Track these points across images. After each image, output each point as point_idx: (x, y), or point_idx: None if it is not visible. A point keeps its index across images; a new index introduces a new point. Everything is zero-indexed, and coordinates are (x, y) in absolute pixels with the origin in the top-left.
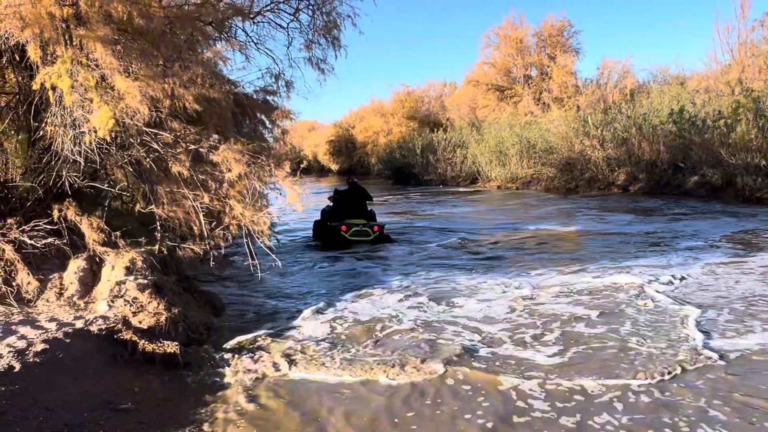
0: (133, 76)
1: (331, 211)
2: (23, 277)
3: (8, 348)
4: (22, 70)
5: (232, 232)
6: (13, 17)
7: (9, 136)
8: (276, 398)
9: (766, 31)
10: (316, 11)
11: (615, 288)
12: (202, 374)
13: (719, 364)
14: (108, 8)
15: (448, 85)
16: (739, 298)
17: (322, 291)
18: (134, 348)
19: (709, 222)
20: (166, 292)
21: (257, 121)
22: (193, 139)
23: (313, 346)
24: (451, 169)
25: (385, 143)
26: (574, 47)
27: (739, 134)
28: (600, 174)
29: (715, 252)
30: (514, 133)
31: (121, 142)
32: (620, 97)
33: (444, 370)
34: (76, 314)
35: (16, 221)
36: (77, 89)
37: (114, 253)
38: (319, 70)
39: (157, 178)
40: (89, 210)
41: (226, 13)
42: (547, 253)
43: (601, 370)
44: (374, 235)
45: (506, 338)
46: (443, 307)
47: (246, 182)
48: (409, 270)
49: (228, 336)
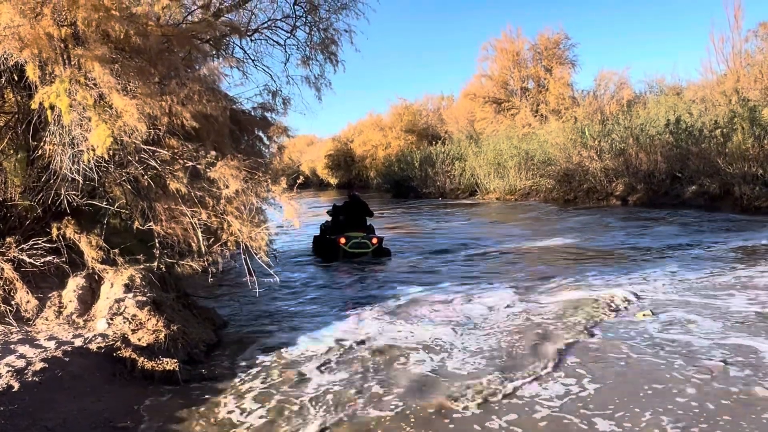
0: (131, 94)
1: (331, 226)
2: (22, 296)
3: (7, 367)
4: (20, 89)
5: (231, 249)
6: (12, 38)
7: (8, 155)
8: (276, 416)
9: (761, 41)
10: (313, 28)
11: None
12: (201, 391)
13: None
14: (106, 27)
15: (446, 98)
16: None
17: (320, 308)
18: (133, 365)
19: (709, 234)
20: (165, 309)
21: (255, 137)
22: (190, 156)
23: (312, 364)
24: (449, 181)
25: (383, 157)
26: (570, 59)
27: (736, 144)
28: (598, 185)
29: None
30: (512, 145)
31: (120, 160)
32: (617, 107)
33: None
34: (76, 332)
35: (15, 240)
36: (76, 108)
37: (113, 271)
38: (316, 88)
39: (155, 195)
40: (88, 228)
41: (224, 31)
42: (551, 266)
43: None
44: (373, 248)
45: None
46: (441, 328)
47: (243, 198)
48: (410, 286)
49: (227, 353)
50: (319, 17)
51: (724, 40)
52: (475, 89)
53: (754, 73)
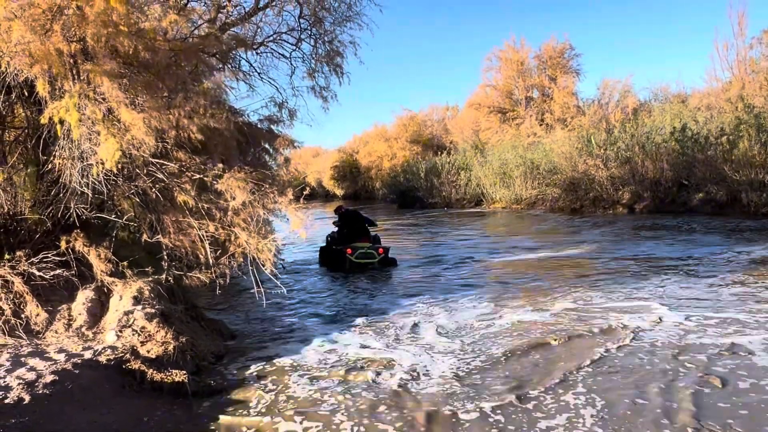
0: (139, 108)
1: (337, 236)
2: (32, 309)
3: (18, 380)
4: (31, 105)
5: (238, 260)
6: (22, 54)
7: (18, 169)
8: (286, 428)
9: (765, 48)
10: (318, 40)
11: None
12: (210, 403)
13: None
14: (114, 43)
15: (451, 108)
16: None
17: (328, 319)
18: (143, 377)
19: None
20: (174, 321)
21: (262, 149)
22: (198, 169)
23: (322, 377)
24: (455, 191)
25: (389, 167)
26: (574, 68)
27: (742, 150)
28: (604, 193)
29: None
30: (518, 154)
31: (128, 173)
32: (622, 116)
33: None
34: (85, 345)
35: (25, 253)
36: (85, 122)
37: (122, 283)
38: (322, 98)
39: (163, 208)
40: (97, 241)
41: (230, 45)
42: (560, 278)
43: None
44: (379, 258)
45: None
46: (453, 340)
47: (250, 210)
48: (419, 299)
49: (236, 365)
50: (324, 30)
51: (728, 48)
52: (479, 99)
53: (759, 79)
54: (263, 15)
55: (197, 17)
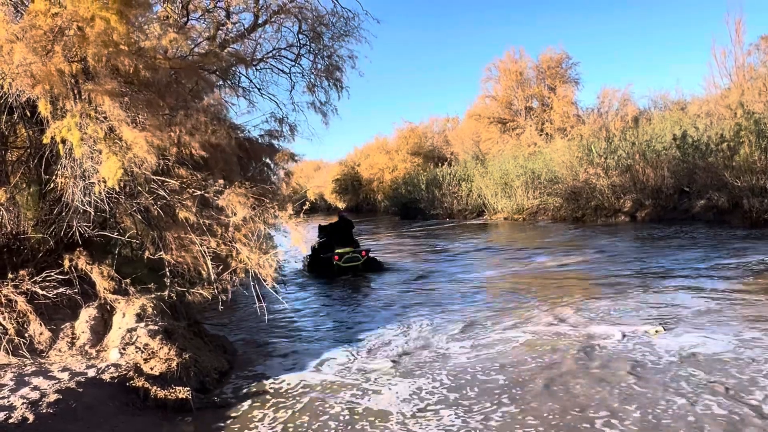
0: (140, 126)
1: (323, 244)
2: (35, 328)
3: (22, 399)
4: (33, 124)
5: (240, 276)
6: (24, 75)
7: (21, 189)
8: None
9: (763, 54)
10: (317, 55)
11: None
12: (214, 419)
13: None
14: (115, 62)
15: (451, 119)
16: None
17: (330, 334)
18: (146, 395)
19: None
20: (177, 338)
21: (263, 164)
22: (199, 185)
23: (325, 392)
24: (457, 202)
25: (390, 180)
26: (573, 78)
27: (743, 157)
28: (606, 202)
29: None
30: (518, 164)
31: (130, 191)
32: (622, 124)
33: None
34: (88, 363)
35: (28, 272)
36: (86, 141)
37: (124, 301)
38: (322, 113)
39: (165, 225)
40: (99, 258)
41: (230, 61)
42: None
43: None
44: (363, 260)
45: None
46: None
47: (251, 225)
48: (420, 311)
49: (239, 381)
50: (323, 45)
51: (726, 54)
52: (479, 110)
53: (758, 85)
54: (262, 31)
55: (197, 35)
